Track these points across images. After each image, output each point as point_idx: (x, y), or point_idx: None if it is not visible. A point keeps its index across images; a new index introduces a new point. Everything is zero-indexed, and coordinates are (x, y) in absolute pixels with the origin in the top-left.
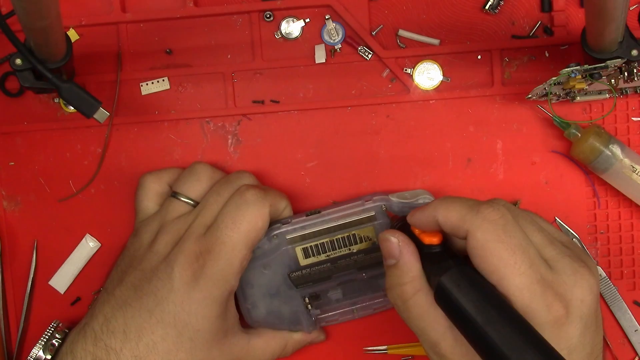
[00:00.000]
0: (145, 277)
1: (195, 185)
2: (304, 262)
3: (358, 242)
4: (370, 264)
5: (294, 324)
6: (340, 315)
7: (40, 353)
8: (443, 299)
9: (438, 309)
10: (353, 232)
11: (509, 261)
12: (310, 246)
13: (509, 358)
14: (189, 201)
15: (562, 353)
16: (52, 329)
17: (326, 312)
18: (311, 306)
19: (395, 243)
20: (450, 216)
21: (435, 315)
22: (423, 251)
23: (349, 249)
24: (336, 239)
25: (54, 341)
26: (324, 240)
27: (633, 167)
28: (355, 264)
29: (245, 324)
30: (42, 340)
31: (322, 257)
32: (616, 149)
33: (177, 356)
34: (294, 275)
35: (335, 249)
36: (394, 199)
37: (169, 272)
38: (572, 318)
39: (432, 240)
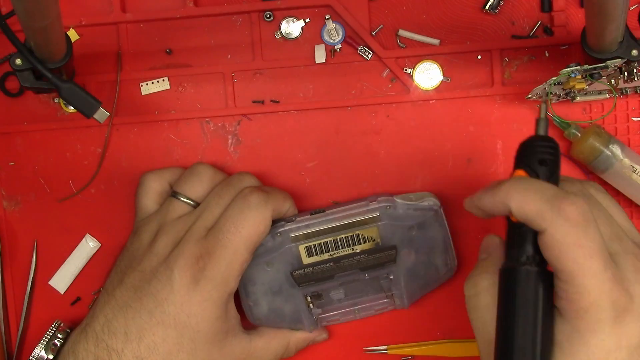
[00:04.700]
0: (145, 278)
1: (196, 186)
2: (306, 260)
3: (362, 242)
4: (373, 265)
5: (295, 322)
6: (342, 315)
7: (42, 353)
8: (505, 284)
9: None
10: (357, 232)
11: (584, 265)
12: (314, 245)
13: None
14: (189, 202)
15: (622, 353)
16: (54, 329)
17: (327, 312)
18: (313, 305)
19: (497, 242)
20: (527, 209)
21: None
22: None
23: (352, 249)
24: (340, 239)
25: (55, 341)
26: (328, 240)
27: (633, 167)
28: (358, 264)
29: (247, 324)
30: (44, 340)
31: (325, 256)
32: (616, 149)
33: (178, 357)
34: (297, 273)
35: (339, 249)
36: (398, 200)
37: (169, 274)
38: (634, 314)
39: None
